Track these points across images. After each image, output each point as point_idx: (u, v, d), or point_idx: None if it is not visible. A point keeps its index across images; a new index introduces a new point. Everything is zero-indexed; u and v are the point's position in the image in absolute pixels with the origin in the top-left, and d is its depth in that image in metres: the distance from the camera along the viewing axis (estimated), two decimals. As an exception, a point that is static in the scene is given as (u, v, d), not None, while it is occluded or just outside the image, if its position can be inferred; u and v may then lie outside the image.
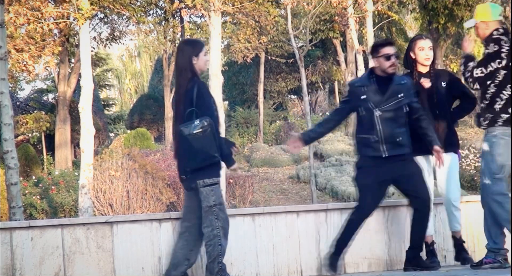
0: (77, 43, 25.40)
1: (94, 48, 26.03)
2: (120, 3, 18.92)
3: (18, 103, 31.66)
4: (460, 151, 7.40)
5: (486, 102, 6.43)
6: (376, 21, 25.82)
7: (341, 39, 32.96)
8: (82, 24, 16.19)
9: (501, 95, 6.36)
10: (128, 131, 32.37)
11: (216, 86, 15.30)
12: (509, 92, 6.36)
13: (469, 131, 28.81)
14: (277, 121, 35.16)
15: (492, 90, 6.37)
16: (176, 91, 6.26)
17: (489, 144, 6.43)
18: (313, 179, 21.21)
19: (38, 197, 20.60)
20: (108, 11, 22.14)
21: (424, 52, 7.10)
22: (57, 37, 22.62)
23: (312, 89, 39.71)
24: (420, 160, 6.98)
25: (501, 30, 6.45)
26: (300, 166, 26.55)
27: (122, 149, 22.10)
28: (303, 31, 23.62)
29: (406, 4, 27.77)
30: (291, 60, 32.04)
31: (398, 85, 6.74)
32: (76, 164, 25.25)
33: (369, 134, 6.71)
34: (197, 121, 6.01)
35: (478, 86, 6.40)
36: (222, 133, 6.56)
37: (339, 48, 33.55)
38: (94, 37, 26.11)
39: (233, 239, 6.78)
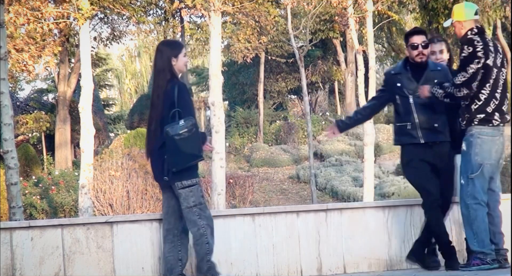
0: (77, 43, 25.41)
1: (94, 48, 26.03)
2: (120, 3, 18.92)
3: (18, 103, 31.67)
4: None
5: (466, 103, 6.46)
6: (376, 21, 25.81)
7: (341, 39, 32.99)
8: (82, 24, 16.19)
9: (480, 95, 6.39)
10: (128, 131, 32.36)
11: (216, 86, 15.29)
12: (488, 92, 6.38)
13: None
14: (277, 121, 35.17)
15: (474, 91, 6.38)
16: (153, 92, 6.22)
17: (467, 143, 6.46)
18: (313, 179, 21.23)
19: (38, 197, 20.61)
20: (108, 11, 22.14)
21: (435, 56, 7.12)
22: (57, 37, 22.62)
23: (312, 89, 39.72)
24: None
25: (475, 30, 6.48)
26: (300, 166, 26.57)
27: (122, 149, 22.11)
28: (303, 31, 23.62)
29: (406, 4, 27.75)
30: (291, 60, 32.06)
31: (433, 72, 6.74)
32: (76, 164, 25.27)
33: (405, 122, 6.73)
34: (182, 122, 6.01)
35: (467, 91, 6.38)
36: (222, 133, 6.57)
37: (339, 48, 33.58)
38: (94, 37, 26.10)
39: (233, 239, 6.78)
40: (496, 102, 6.42)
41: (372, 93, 18.56)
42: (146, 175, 16.49)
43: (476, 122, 6.41)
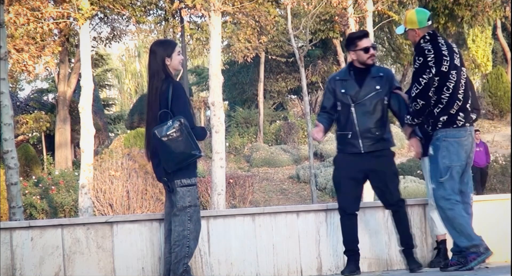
0: (77, 43, 25.41)
1: (94, 48, 26.03)
2: (120, 3, 18.92)
3: (18, 103, 31.68)
4: None
5: (428, 109, 6.46)
6: (376, 21, 25.81)
7: (341, 39, 32.96)
8: (82, 24, 16.19)
9: (441, 99, 6.39)
10: (128, 131, 32.37)
11: (216, 86, 15.28)
12: (448, 95, 6.38)
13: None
14: (277, 121, 35.18)
15: (433, 98, 6.39)
16: (149, 93, 6.19)
17: (433, 147, 6.47)
18: (313, 179, 21.22)
19: (38, 197, 20.61)
20: (108, 11, 22.14)
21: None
22: (57, 37, 22.62)
23: (312, 89, 39.71)
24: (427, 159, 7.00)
25: (427, 37, 6.46)
26: (300, 166, 26.56)
27: (122, 149, 22.12)
28: (303, 31, 23.62)
29: (406, 4, 27.75)
30: (291, 60, 32.05)
31: (374, 78, 6.69)
32: (76, 164, 25.27)
33: (346, 131, 6.67)
34: (169, 123, 5.97)
35: (424, 102, 6.37)
36: (222, 133, 6.56)
37: (339, 48, 33.54)
38: (94, 37, 26.11)
39: (233, 239, 6.78)
40: (459, 103, 6.43)
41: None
42: (146, 175, 16.49)
43: (440, 126, 6.41)
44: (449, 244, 7.47)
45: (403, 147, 26.72)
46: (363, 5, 19.19)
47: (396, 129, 23.96)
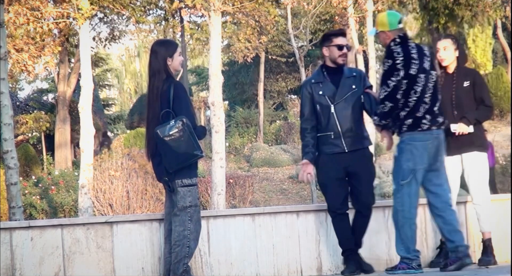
0: (77, 43, 25.40)
1: (93, 48, 26.02)
2: (120, 3, 18.90)
3: (18, 103, 31.66)
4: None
5: (396, 111, 6.48)
6: (376, 21, 25.78)
7: (341, 39, 32.92)
8: (82, 24, 16.18)
9: (408, 103, 6.42)
10: (128, 131, 32.37)
11: (216, 86, 15.27)
12: (415, 98, 6.40)
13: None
14: (277, 121, 35.15)
15: (401, 101, 6.41)
16: (150, 92, 6.19)
17: (398, 150, 6.51)
18: (313, 179, 21.17)
19: (38, 197, 20.60)
20: (108, 11, 22.13)
21: (438, 53, 7.12)
22: (57, 37, 22.61)
23: (312, 89, 39.65)
24: (451, 159, 7.00)
25: (398, 40, 6.49)
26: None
27: (122, 149, 22.12)
28: (303, 31, 23.61)
29: (406, 4, 27.75)
30: (291, 60, 32.03)
31: (348, 78, 6.73)
32: (76, 164, 25.25)
33: (328, 132, 6.69)
34: (172, 122, 5.98)
35: (392, 104, 6.39)
36: (222, 133, 6.57)
37: (339, 48, 33.49)
38: (94, 37, 26.09)
39: (233, 239, 6.78)
40: (426, 107, 6.45)
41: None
42: (146, 175, 16.49)
43: (405, 129, 6.44)
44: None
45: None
46: (363, 5, 19.19)
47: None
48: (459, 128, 6.98)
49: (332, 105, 6.65)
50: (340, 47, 6.73)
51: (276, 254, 6.93)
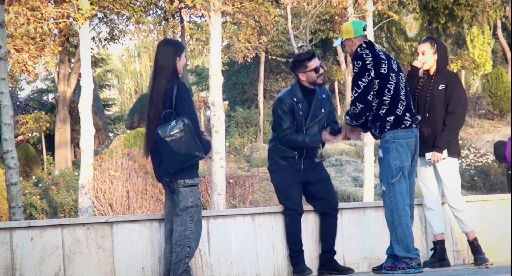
0: (76, 43, 25.40)
1: (93, 49, 26.02)
2: (120, 3, 18.91)
3: (18, 103, 31.67)
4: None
5: (372, 113, 6.52)
6: (376, 21, 25.82)
7: (341, 39, 32.93)
8: (82, 24, 16.18)
9: (384, 101, 6.46)
10: (128, 131, 32.36)
11: (216, 86, 15.28)
12: (389, 97, 6.45)
13: (469, 131, 28.83)
14: (277, 121, 35.10)
15: (376, 101, 6.45)
16: (152, 89, 6.16)
17: (383, 149, 6.53)
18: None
19: (38, 197, 20.61)
20: (108, 11, 22.13)
21: (418, 58, 7.20)
22: (57, 37, 22.61)
23: (312, 89, 39.68)
24: (422, 160, 7.06)
25: (364, 45, 6.57)
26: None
27: (122, 149, 22.11)
28: (303, 31, 23.63)
29: (406, 4, 27.76)
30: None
31: (319, 100, 6.85)
32: (76, 164, 25.26)
33: (293, 151, 6.82)
34: (173, 123, 5.96)
35: (362, 105, 6.41)
36: (222, 133, 6.57)
37: (339, 48, 33.44)
38: (93, 37, 26.08)
39: (233, 239, 6.78)
40: (404, 104, 6.51)
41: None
42: (146, 175, 16.50)
43: (388, 127, 6.48)
44: (447, 244, 7.47)
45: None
46: (363, 5, 19.18)
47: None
48: (434, 157, 7.02)
49: (304, 127, 6.79)
50: (316, 70, 6.82)
51: (276, 254, 6.93)
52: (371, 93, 6.41)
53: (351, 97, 6.48)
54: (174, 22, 27.88)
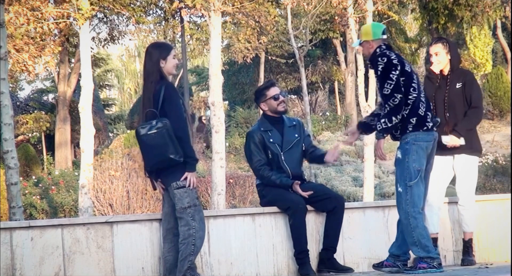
0: (76, 43, 25.40)
1: (93, 48, 26.01)
2: (120, 3, 18.90)
3: (18, 103, 31.67)
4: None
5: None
6: (376, 21, 25.82)
7: (341, 39, 32.97)
8: (82, 24, 16.18)
9: (408, 101, 6.44)
10: (128, 131, 32.37)
11: (216, 86, 15.27)
12: (415, 96, 6.43)
13: (469, 131, 28.74)
14: (277, 121, 35.09)
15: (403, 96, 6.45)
16: (144, 94, 6.24)
17: (402, 151, 6.49)
18: (313, 179, 21.21)
19: (38, 197, 20.60)
20: (108, 11, 22.13)
21: (431, 59, 7.20)
22: (57, 37, 22.61)
23: (312, 89, 39.70)
24: (442, 159, 7.06)
25: (384, 47, 6.58)
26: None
27: (122, 149, 22.12)
28: (303, 31, 23.63)
29: (406, 4, 27.77)
30: (291, 60, 32.04)
31: (291, 127, 7.07)
32: (76, 164, 25.26)
33: (280, 174, 6.98)
34: (154, 122, 6.02)
35: (401, 95, 6.38)
36: (222, 133, 6.60)
37: (339, 48, 33.56)
38: (93, 38, 26.08)
39: (233, 239, 6.78)
40: (425, 105, 6.51)
41: (372, 93, 18.53)
42: (144, 173, 16.50)
43: (410, 129, 6.45)
44: (447, 245, 7.47)
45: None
46: (363, 5, 19.18)
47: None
48: (451, 141, 7.02)
49: (281, 153, 6.96)
50: (275, 98, 7.03)
51: (276, 254, 6.93)
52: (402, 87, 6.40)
53: (385, 91, 6.37)
54: (174, 22, 27.85)
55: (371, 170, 18.63)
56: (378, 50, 6.56)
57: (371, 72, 19.95)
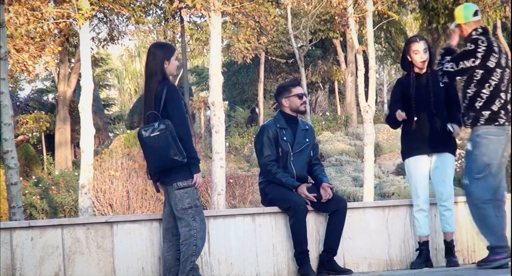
0: (76, 43, 25.39)
1: (93, 48, 26.00)
2: (120, 3, 18.90)
3: (18, 103, 31.66)
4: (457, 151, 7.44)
5: (467, 101, 6.53)
6: (376, 21, 25.80)
7: (341, 39, 32.96)
8: (82, 24, 16.18)
9: (481, 94, 6.45)
10: (128, 131, 32.37)
11: (216, 86, 15.27)
12: (489, 91, 6.44)
13: (468, 131, 28.81)
14: (277, 121, 35.07)
15: (473, 90, 6.45)
16: (146, 95, 6.23)
17: (473, 143, 6.50)
18: (313, 179, 21.15)
19: (38, 197, 20.59)
20: (108, 11, 22.13)
21: (419, 55, 7.17)
22: (57, 37, 22.61)
23: (312, 89, 39.71)
24: (420, 159, 7.06)
25: (480, 30, 6.57)
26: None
27: (122, 149, 22.12)
28: (303, 31, 23.64)
29: (406, 4, 27.76)
30: (291, 60, 32.04)
31: (303, 130, 7.05)
32: (76, 164, 25.25)
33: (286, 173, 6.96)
34: (156, 125, 6.02)
35: (446, 80, 6.55)
36: (222, 133, 6.61)
37: (339, 48, 33.54)
38: (93, 38, 26.06)
39: (233, 239, 6.79)
40: (502, 101, 6.48)
41: (372, 93, 18.54)
42: (146, 175, 16.50)
43: (482, 122, 6.45)
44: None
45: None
46: (363, 5, 19.17)
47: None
48: (457, 129, 7.02)
49: (291, 153, 6.95)
50: (300, 96, 7.05)
51: (276, 254, 6.94)
52: (473, 82, 6.42)
53: (445, 67, 6.50)
54: (174, 22, 27.85)
55: (371, 170, 18.64)
56: (473, 33, 6.55)
57: (371, 72, 19.91)
